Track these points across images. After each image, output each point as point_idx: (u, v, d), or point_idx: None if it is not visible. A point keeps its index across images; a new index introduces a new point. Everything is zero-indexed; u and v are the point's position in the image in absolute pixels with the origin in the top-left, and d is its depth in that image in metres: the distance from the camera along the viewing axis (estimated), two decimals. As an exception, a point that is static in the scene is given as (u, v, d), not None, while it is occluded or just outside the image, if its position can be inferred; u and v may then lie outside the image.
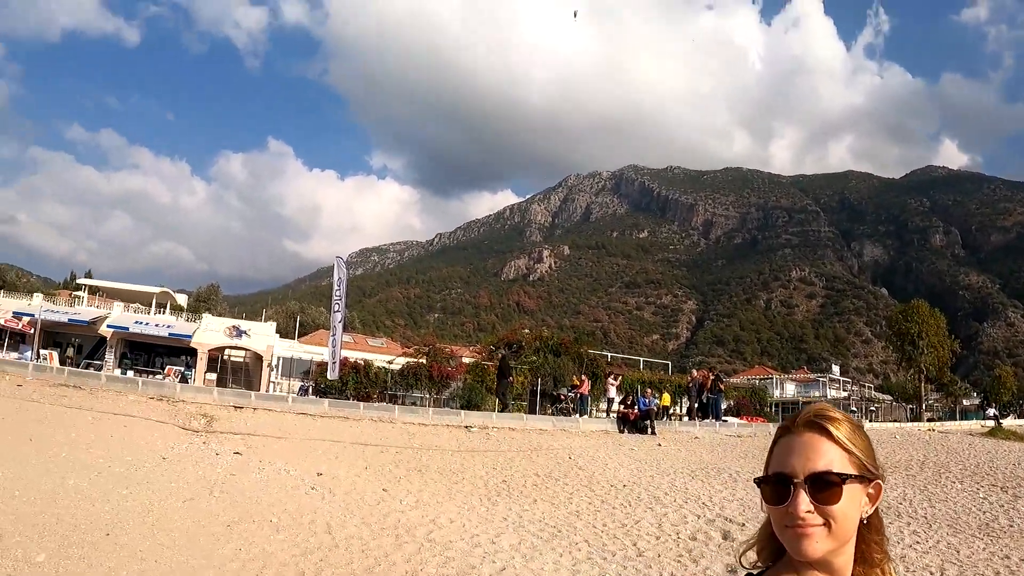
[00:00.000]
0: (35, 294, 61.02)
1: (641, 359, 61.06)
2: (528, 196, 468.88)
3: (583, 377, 36.55)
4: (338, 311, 33.67)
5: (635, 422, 30.30)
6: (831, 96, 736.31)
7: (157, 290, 64.88)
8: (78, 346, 53.32)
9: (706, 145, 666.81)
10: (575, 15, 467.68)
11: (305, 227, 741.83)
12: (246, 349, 52.83)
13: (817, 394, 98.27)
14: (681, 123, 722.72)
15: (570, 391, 35.98)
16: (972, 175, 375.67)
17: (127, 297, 63.46)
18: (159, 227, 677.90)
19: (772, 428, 32.51)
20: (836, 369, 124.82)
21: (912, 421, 61.85)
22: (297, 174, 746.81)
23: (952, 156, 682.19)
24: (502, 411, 31.70)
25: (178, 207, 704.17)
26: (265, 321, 58.43)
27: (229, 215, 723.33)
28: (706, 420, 35.27)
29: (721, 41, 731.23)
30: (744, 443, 28.73)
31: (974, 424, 64.21)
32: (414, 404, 35.61)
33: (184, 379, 43.45)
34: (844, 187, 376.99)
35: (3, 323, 49.78)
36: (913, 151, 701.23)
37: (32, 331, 48.71)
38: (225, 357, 53.33)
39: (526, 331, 50.49)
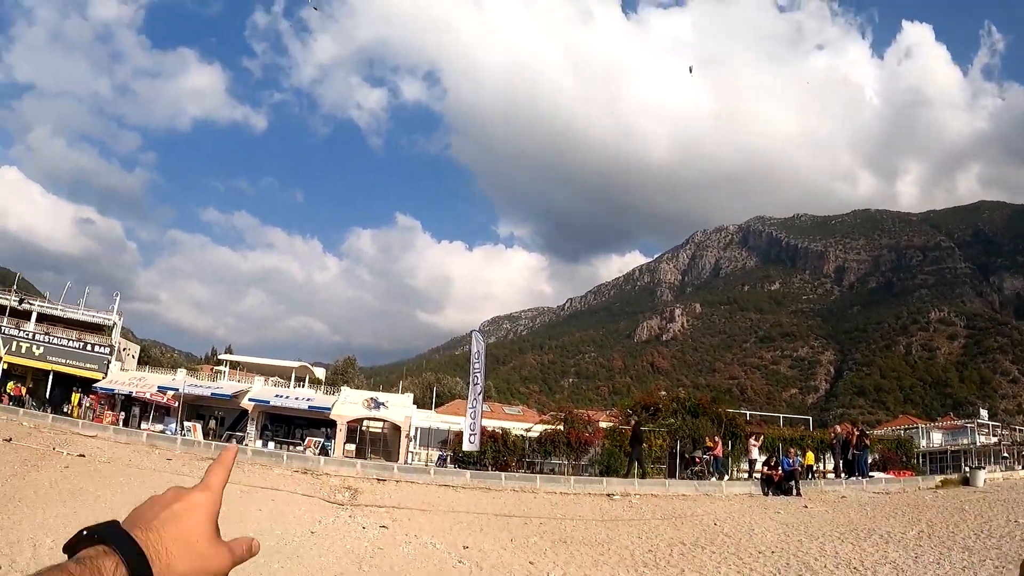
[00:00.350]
0: (179, 369, 63.90)
1: (780, 415, 61.98)
2: (656, 255, 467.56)
3: (716, 439, 36.59)
4: (477, 383, 36.15)
5: (779, 483, 30.33)
6: (953, 124, 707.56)
7: (296, 364, 66.04)
8: (220, 418, 55.71)
9: (831, 189, 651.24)
10: (691, 70, 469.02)
11: (437, 298, 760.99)
12: (384, 420, 54.03)
13: (965, 441, 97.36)
14: (803, 169, 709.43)
15: (705, 454, 36.04)
16: None
17: (267, 371, 65.65)
18: (294, 302, 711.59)
19: (920, 482, 33.84)
20: (984, 413, 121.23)
21: (1076, 462, 62.01)
22: (426, 246, 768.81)
23: None
24: (641, 477, 32.61)
25: (312, 283, 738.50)
26: (401, 392, 60.42)
27: (362, 289, 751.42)
28: (852, 477, 34.26)
29: (835, 80, 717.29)
30: (893, 500, 27.72)
31: None
32: (552, 472, 36.55)
33: (324, 450, 46.53)
34: (977, 219, 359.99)
35: (149, 397, 52.41)
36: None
37: (176, 404, 51.37)
38: (363, 428, 54.54)
39: (662, 393, 50.78)
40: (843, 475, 35.03)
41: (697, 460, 35.67)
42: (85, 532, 1.09)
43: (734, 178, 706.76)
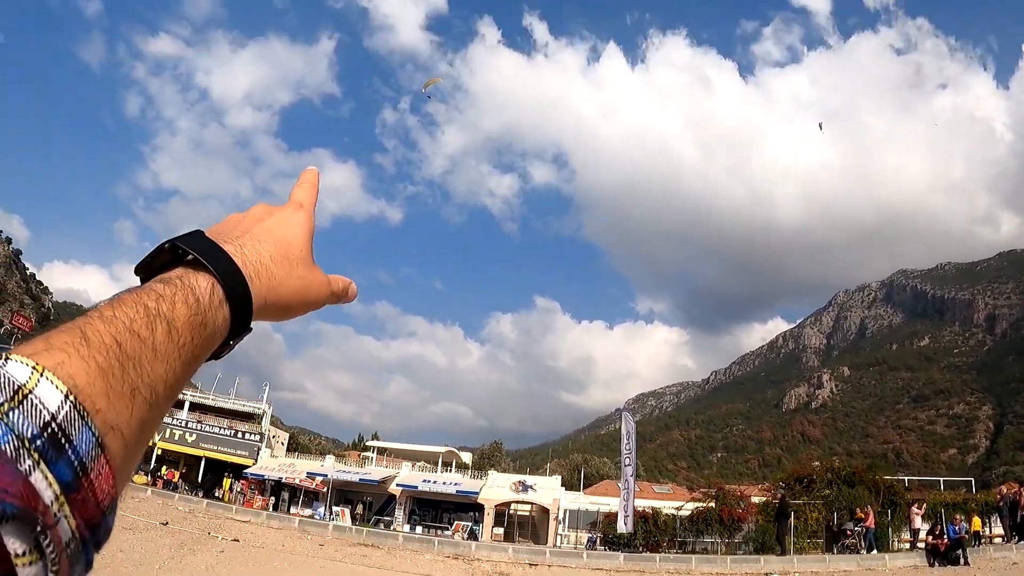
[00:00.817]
0: (327, 456, 66.28)
1: (940, 478, 61.82)
2: (799, 320, 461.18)
3: (868, 509, 35.16)
4: (628, 464, 36.89)
5: (946, 552, 29.36)
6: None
7: (443, 449, 67.30)
8: (368, 503, 56.31)
9: (972, 233, 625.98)
10: (820, 127, 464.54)
11: (580, 378, 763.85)
12: (531, 503, 54.17)
13: None
14: (941, 215, 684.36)
15: (856, 525, 34.60)
16: None
17: (413, 456, 67.36)
18: (438, 388, 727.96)
19: None
20: None
21: None
22: (567, 328, 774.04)
23: None
24: (780, 554, 32.36)
25: (455, 368, 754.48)
26: (548, 474, 62.69)
27: (504, 372, 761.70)
28: (1023, 541, 32.02)
29: (962, 119, 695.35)
30: None
31: None
32: (705, 551, 36.29)
33: (472, 535, 47.53)
34: None
35: (299, 483, 54.49)
36: None
37: (325, 490, 52.54)
38: (511, 511, 54.64)
39: (815, 463, 48.95)
40: (1014, 539, 32.76)
41: (848, 532, 34.40)
42: (167, 245, 0.95)
43: (870, 233, 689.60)
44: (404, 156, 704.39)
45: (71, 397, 0.70)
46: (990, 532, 36.15)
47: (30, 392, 0.68)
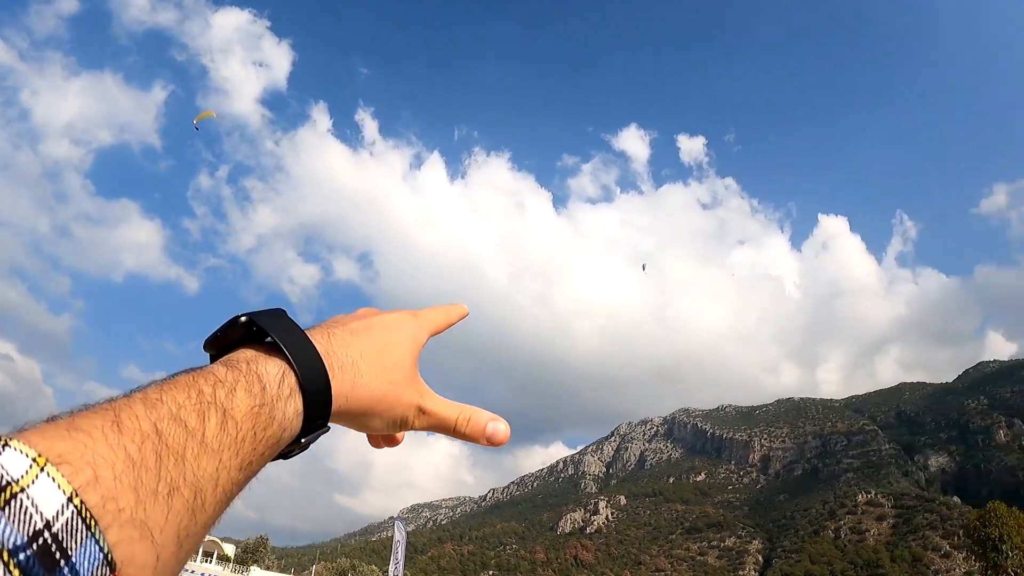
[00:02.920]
0: None
1: None
2: (580, 447, 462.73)
3: None
4: (396, 574, 32.92)
5: None
6: (871, 311, 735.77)
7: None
8: None
9: (756, 379, 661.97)
10: (644, 268, 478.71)
11: (357, 481, 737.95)
12: None
13: None
14: (729, 361, 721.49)
15: None
16: None
17: None
18: None
19: None
20: None
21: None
22: (348, 429, 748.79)
23: (1000, 347, 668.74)
24: None
25: None
26: None
27: (280, 465, 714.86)
28: None
29: (757, 275, 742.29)
30: None
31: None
32: None
33: None
34: (899, 400, 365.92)
35: None
36: (962, 350, 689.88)
37: None
38: None
39: None
40: None
41: None
42: (243, 318, 0.82)
43: (660, 371, 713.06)
44: (212, 225, 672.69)
45: (75, 500, 0.59)
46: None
47: (22, 491, 0.58)
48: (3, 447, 0.58)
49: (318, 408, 0.78)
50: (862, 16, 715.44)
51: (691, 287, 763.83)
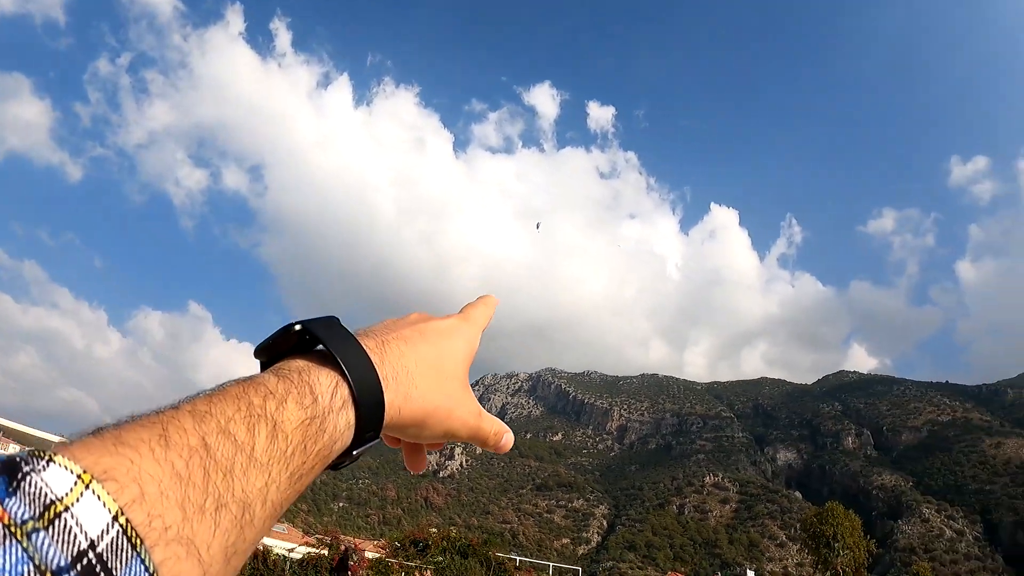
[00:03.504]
0: None
1: (551, 564, 57.16)
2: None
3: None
4: None
5: None
6: (745, 305, 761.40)
7: (57, 440, 55.96)
8: None
9: (624, 351, 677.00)
10: (538, 227, 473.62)
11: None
12: None
13: None
14: (601, 328, 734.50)
15: None
16: (882, 378, 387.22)
17: (25, 440, 58.21)
18: (69, 372, 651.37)
19: None
20: (751, 574, 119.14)
21: (832, 623, 58.93)
22: (214, 342, 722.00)
23: (862, 360, 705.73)
24: None
25: (91, 354, 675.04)
26: None
27: (141, 372, 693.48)
28: None
29: (643, 251, 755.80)
30: None
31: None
32: None
33: None
34: (758, 393, 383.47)
35: None
36: (825, 356, 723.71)
37: None
38: None
39: (433, 529, 47.97)
40: None
41: None
42: (297, 327, 0.82)
43: (534, 328, 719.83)
44: (104, 114, 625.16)
45: (121, 519, 0.57)
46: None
47: (66, 509, 0.57)
48: (48, 463, 0.58)
49: (371, 420, 0.78)
50: (785, 21, 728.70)
51: (576, 251, 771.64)
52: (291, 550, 35.80)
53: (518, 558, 53.67)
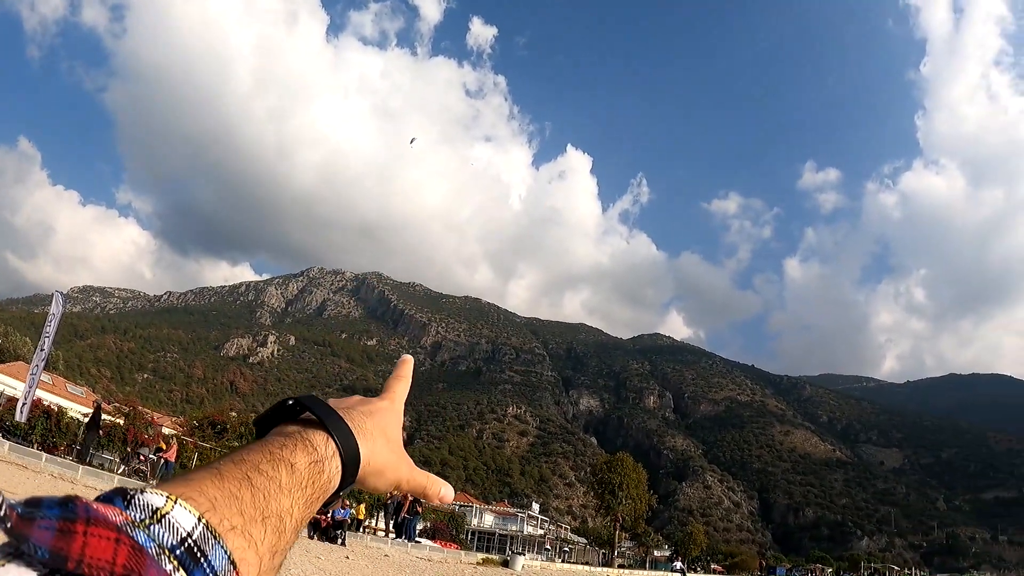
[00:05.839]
0: None
1: None
2: (267, 276, 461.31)
3: (173, 441, 33.72)
4: (44, 350, 29.55)
5: (326, 529, 28.85)
6: (578, 250, 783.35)
7: None
8: None
9: (451, 269, 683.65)
10: (412, 142, 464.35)
11: (33, 244, 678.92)
12: None
13: (515, 528, 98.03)
14: (432, 241, 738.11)
15: (153, 454, 32.03)
16: (694, 348, 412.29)
17: None
18: None
19: (464, 556, 35.90)
20: (536, 507, 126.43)
21: (603, 566, 65.36)
22: (39, 185, 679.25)
23: (677, 328, 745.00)
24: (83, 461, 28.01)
25: None
26: None
27: None
28: (399, 539, 34.77)
29: (490, 175, 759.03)
30: (434, 568, 28.46)
31: (660, 574, 67.17)
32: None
33: None
34: (573, 338, 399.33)
35: None
36: (644, 316, 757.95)
37: None
38: None
39: (234, 414, 49.38)
40: (391, 535, 36.70)
41: (143, 458, 32.35)
42: (291, 402, 1.04)
43: (367, 228, 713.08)
44: None
45: (203, 520, 0.85)
46: (374, 524, 42.22)
47: (166, 514, 0.85)
48: (141, 492, 0.85)
49: (351, 467, 1.01)
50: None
51: (423, 160, 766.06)
52: (86, 415, 36.57)
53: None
